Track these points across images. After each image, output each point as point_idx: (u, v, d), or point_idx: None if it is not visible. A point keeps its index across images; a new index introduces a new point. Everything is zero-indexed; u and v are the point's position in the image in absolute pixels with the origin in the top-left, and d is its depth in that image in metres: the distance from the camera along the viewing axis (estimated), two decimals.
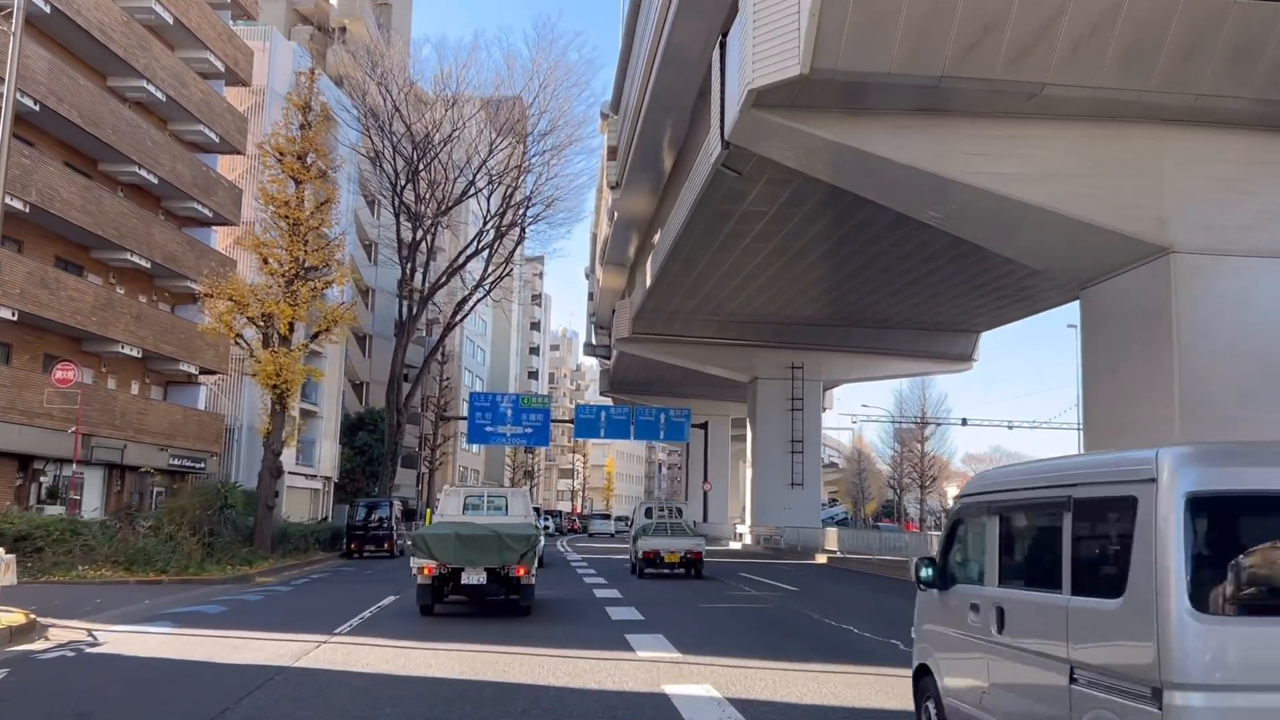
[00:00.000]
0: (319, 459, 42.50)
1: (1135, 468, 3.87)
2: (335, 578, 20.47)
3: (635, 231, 36.04)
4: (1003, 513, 4.91)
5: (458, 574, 12.56)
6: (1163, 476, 3.64)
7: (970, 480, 5.90)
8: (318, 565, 24.31)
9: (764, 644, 10.75)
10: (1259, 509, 3.69)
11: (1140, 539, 3.68)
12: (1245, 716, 3.45)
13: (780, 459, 38.28)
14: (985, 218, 14.98)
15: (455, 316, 41.19)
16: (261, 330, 21.41)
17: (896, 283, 31.41)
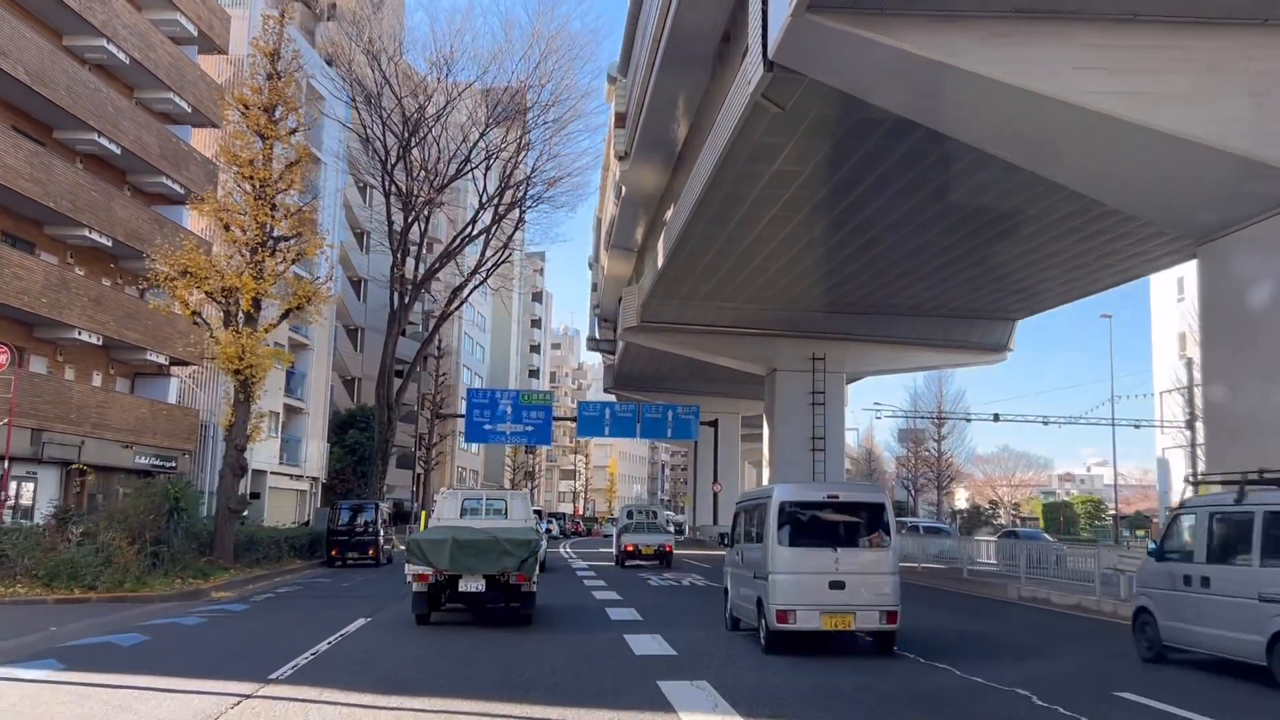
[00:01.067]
0: (305, 458, 39.72)
1: (769, 491, 10.97)
2: (305, 592, 17.68)
3: (644, 212, 33.20)
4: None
5: (455, 581, 11.97)
6: (774, 496, 10.57)
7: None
8: (291, 576, 21.55)
9: (863, 707, 7.96)
10: (798, 507, 10.53)
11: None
12: (791, 584, 10.03)
13: (801, 458, 35.44)
14: (1099, 152, 12.13)
15: (451, 305, 38.37)
16: (222, 307, 18.62)
17: (933, 263, 28.58)
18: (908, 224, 24.90)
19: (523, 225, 39.37)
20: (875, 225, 25.34)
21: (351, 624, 12.29)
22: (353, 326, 50.36)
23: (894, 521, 10.62)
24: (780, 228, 25.62)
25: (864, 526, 10.42)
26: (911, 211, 23.91)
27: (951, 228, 24.83)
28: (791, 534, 10.25)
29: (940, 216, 23.92)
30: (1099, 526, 79.85)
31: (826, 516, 10.59)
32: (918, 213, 23.89)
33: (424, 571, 11.84)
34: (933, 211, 23.59)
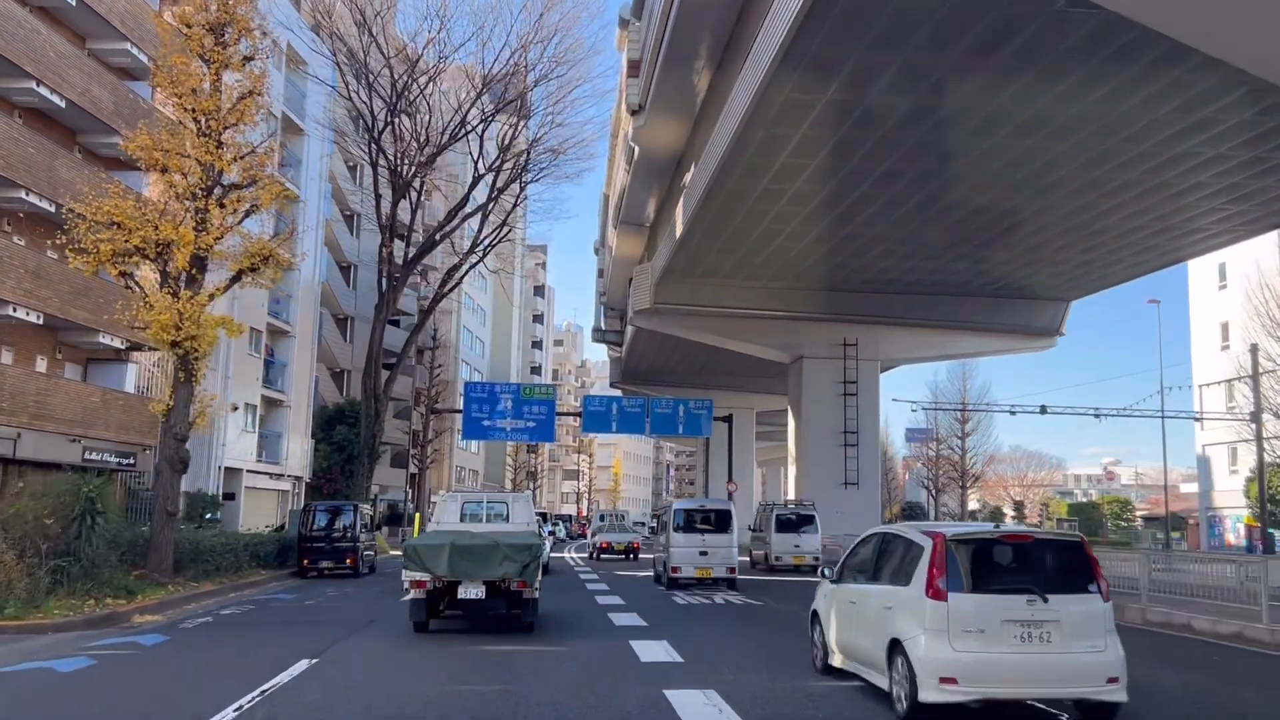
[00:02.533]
0: (286, 456, 36.40)
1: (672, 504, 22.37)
2: (254, 614, 14.35)
3: (657, 183, 29.89)
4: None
5: (454, 588, 11.63)
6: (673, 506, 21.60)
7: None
8: (251, 590, 18.24)
9: None
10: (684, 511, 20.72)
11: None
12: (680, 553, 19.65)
13: (830, 454, 32.13)
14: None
15: (445, 286, 35.07)
16: (155, 266, 15.30)
17: (979, 234, 25.29)
18: (953, 189, 21.69)
19: (523, 201, 36.04)
20: (919, 191, 22.11)
21: (286, 671, 8.93)
22: (342, 315, 47.07)
23: (735, 518, 20.76)
24: (815, 188, 22.36)
25: (717, 522, 20.21)
26: (959, 175, 20.73)
27: (1004, 192, 21.59)
28: (681, 526, 19.91)
29: (991, 179, 20.71)
30: (1124, 528, 76.50)
31: (699, 516, 20.33)
32: (966, 176, 20.68)
33: (421, 578, 11.42)
34: (982, 175, 20.40)
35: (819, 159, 20.58)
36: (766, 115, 17.93)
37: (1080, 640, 7.04)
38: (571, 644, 11.23)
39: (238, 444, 32.77)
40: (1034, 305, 31.92)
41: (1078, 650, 7.02)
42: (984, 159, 20.18)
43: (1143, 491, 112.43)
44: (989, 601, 7.06)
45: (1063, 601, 7.09)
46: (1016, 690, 7.07)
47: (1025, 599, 7.02)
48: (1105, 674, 6.96)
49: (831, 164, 21.01)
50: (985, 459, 64.52)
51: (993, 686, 6.93)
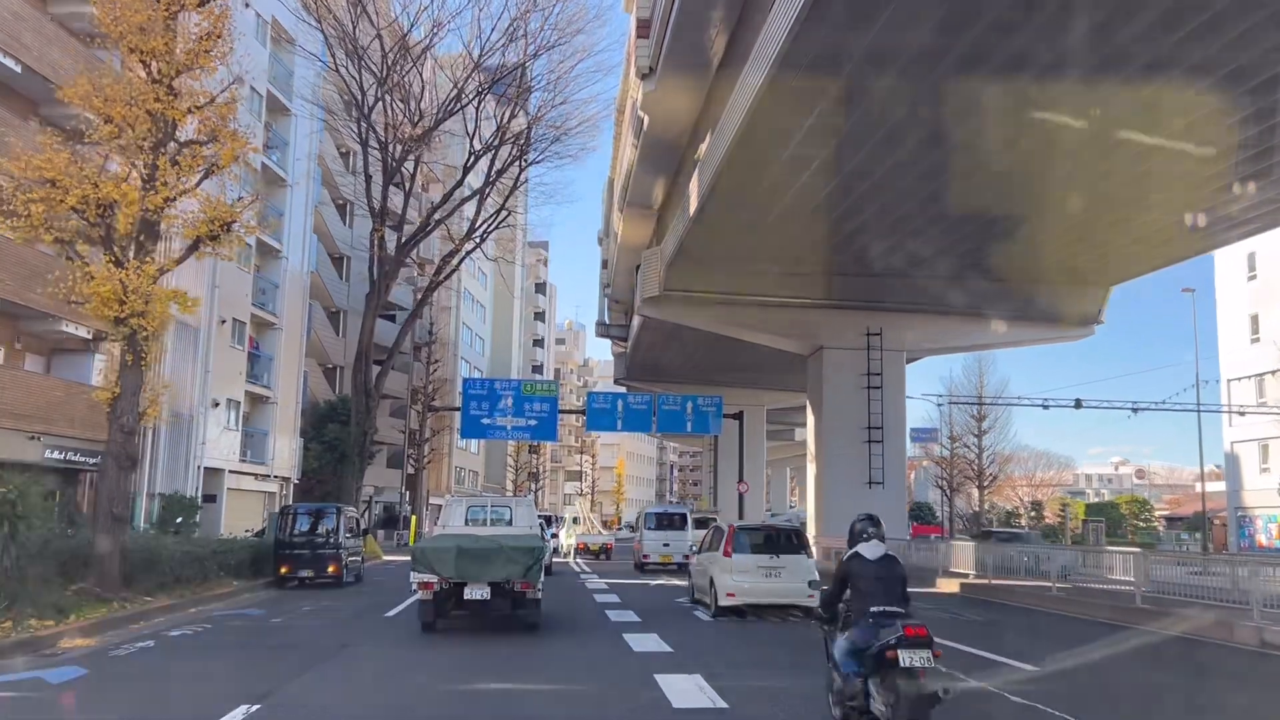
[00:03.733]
0: (273, 455, 34.27)
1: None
2: (207, 636, 12.22)
3: (668, 157, 27.68)
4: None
5: (460, 589, 12.02)
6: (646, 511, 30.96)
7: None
8: (217, 603, 16.12)
9: None
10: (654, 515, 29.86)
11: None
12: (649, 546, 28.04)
13: (852, 451, 29.95)
14: None
15: (441, 274, 32.94)
16: (96, 229, 13.16)
17: (1029, 209, 23.15)
18: (1000, 156, 19.55)
19: (524, 184, 33.94)
20: (963, 156, 19.97)
21: None
22: (334, 308, 44.96)
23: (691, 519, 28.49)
24: (844, 157, 20.21)
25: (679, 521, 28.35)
26: (1009, 140, 18.60)
27: (1056, 160, 19.45)
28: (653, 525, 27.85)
29: (1045, 144, 18.56)
30: (1142, 528, 74.25)
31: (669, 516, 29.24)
32: (1016, 142, 18.56)
33: (429, 580, 11.96)
34: (1029, 143, 18.28)
35: (851, 120, 18.44)
36: (798, 63, 15.78)
37: (796, 577, 14.03)
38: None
39: (219, 442, 30.66)
40: (1073, 291, 29.73)
41: (794, 581, 14.15)
42: (1039, 122, 18.07)
43: (1154, 491, 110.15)
44: (750, 558, 14.39)
45: (787, 559, 14.33)
46: (763, 599, 14.22)
47: (769, 556, 14.23)
48: (806, 592, 13.87)
49: (865, 127, 18.87)
50: (1003, 458, 62.12)
51: (751, 598, 14.05)
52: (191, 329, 28.88)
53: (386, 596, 17.68)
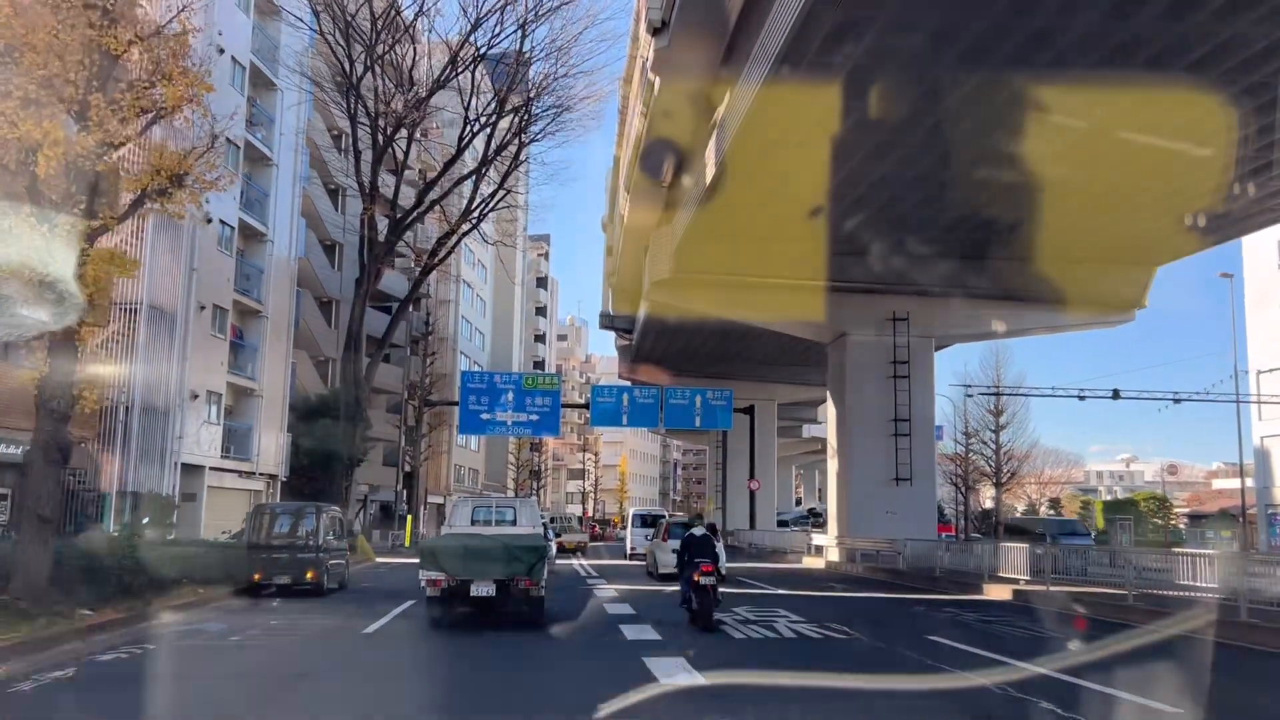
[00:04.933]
0: (258, 451, 32.21)
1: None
2: (137, 662, 10.16)
3: (680, 126, 25.55)
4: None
5: (466, 586, 12.39)
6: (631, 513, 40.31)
7: None
8: (176, 615, 14.08)
9: None
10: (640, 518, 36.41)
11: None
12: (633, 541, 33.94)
13: (877, 446, 27.90)
14: None
15: (436, 258, 30.88)
16: (21, 182, 11.08)
17: (1082, 178, 21.07)
18: (1060, 109, 17.43)
19: (524, 161, 31.87)
20: (1013, 112, 17.88)
21: None
22: (325, 298, 42.85)
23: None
24: (877, 119, 18.16)
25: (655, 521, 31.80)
26: (1073, 97, 16.49)
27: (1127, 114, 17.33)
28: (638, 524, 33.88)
29: (1087, 107, 16.45)
30: (1160, 526, 72.06)
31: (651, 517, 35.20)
32: (1077, 98, 16.44)
33: (437, 577, 12.34)
34: (1075, 103, 16.17)
35: (889, 72, 16.39)
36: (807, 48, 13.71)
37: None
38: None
39: (199, 437, 28.61)
40: (1116, 271, 27.65)
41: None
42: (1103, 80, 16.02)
43: (1166, 488, 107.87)
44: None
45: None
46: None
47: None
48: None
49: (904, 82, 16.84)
50: (1022, 455, 59.84)
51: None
52: (167, 315, 26.85)
53: (370, 607, 15.64)
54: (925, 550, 23.88)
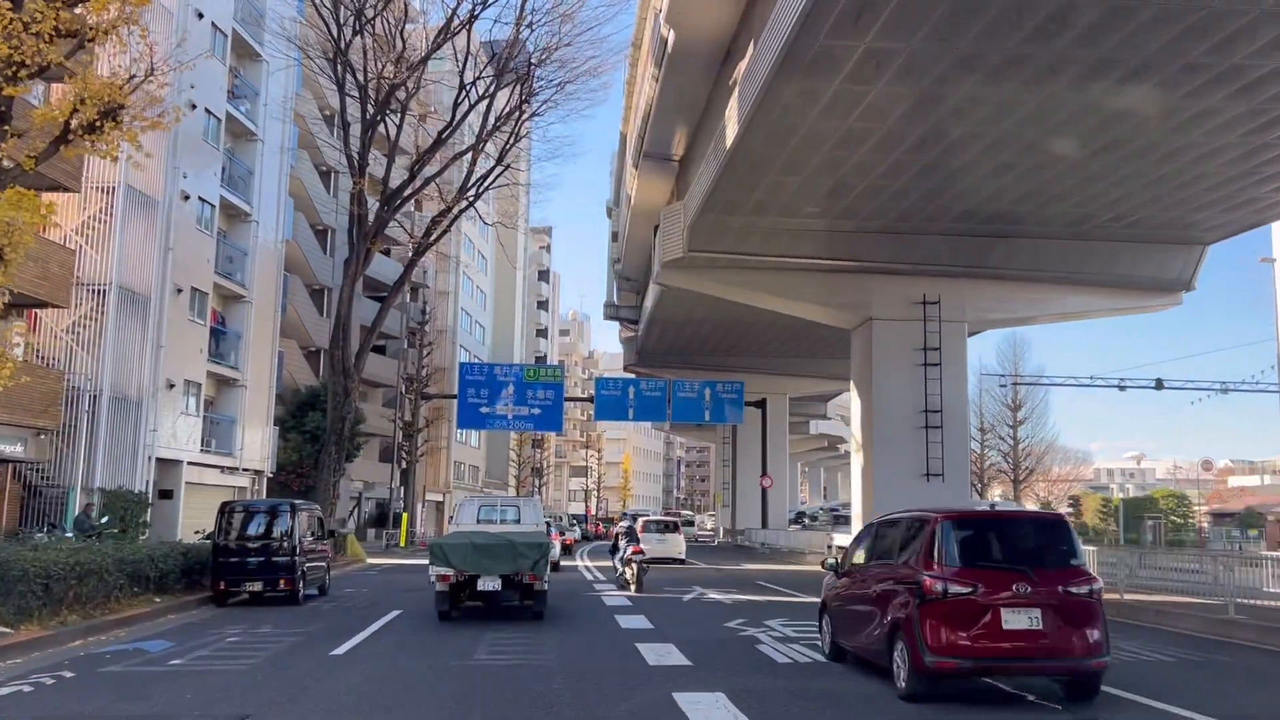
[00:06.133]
0: (241, 445, 30.22)
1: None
2: (40, 696, 8.17)
3: (695, 89, 23.53)
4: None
5: (474, 581, 12.93)
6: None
7: None
8: (120, 629, 12.13)
9: None
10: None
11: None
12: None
13: (906, 439, 25.88)
14: None
15: (431, 236, 28.87)
16: None
17: (1131, 147, 19.04)
18: (1101, 77, 15.42)
19: (526, 134, 29.84)
20: (1052, 77, 15.88)
21: None
22: (316, 285, 40.90)
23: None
24: (909, 83, 16.17)
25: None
26: (1119, 59, 14.47)
27: (1177, 78, 15.30)
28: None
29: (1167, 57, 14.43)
30: (1181, 525, 70.10)
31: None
32: (1126, 62, 14.42)
33: (446, 573, 12.81)
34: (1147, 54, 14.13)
35: (919, 36, 14.40)
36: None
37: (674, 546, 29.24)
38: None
39: (176, 430, 26.63)
40: (1163, 251, 25.63)
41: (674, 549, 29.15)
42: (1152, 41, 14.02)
43: (1177, 487, 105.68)
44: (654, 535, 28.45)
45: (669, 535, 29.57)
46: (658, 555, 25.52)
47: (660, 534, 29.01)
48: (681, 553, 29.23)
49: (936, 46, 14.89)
50: (1041, 451, 57.70)
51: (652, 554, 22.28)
52: (140, 297, 24.86)
53: (348, 619, 13.66)
54: None
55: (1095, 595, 7.79)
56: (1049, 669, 7.78)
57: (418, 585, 20.14)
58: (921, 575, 7.77)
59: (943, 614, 7.56)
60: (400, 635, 11.93)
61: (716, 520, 66.74)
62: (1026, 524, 8.96)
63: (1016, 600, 7.55)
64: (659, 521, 32.08)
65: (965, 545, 7.95)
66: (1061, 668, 7.71)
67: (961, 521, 8.23)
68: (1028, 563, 7.85)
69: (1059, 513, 11.53)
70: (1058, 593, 7.62)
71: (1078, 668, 7.66)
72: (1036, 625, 7.53)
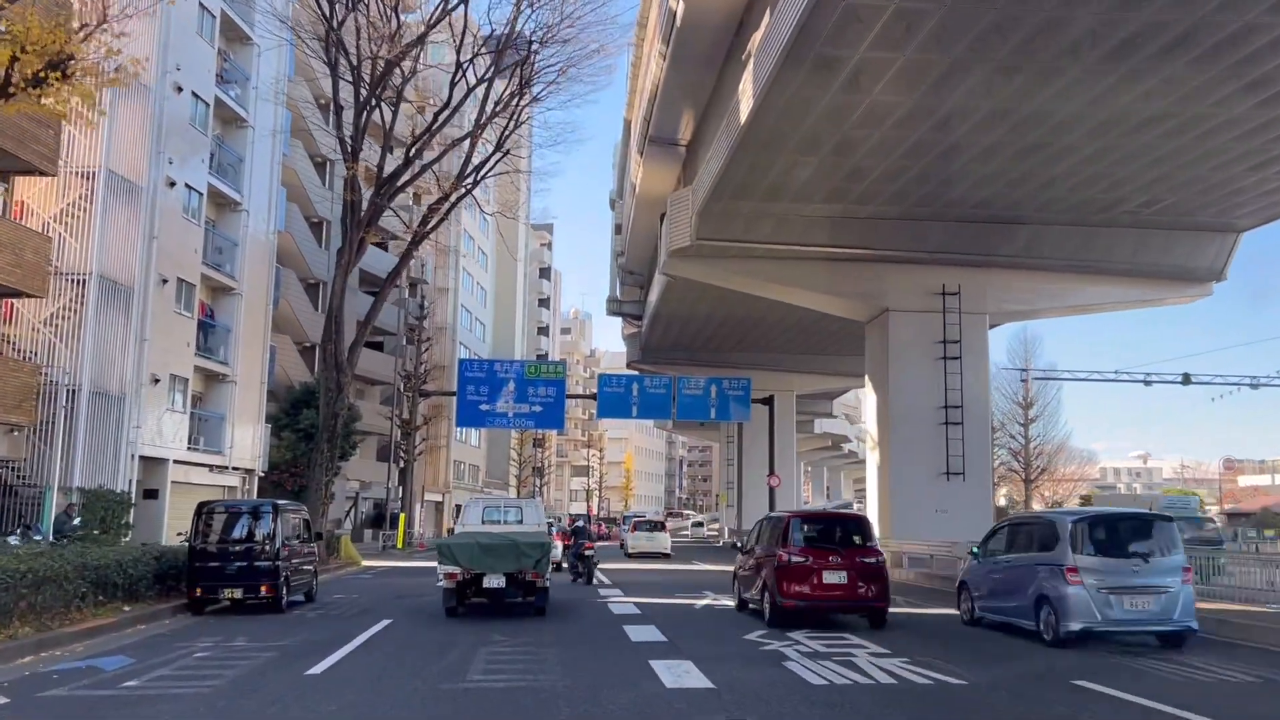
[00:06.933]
0: (231, 443, 29.11)
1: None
2: None
3: (704, 66, 22.37)
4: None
5: (479, 579, 13.60)
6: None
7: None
8: (79, 643, 10.99)
9: None
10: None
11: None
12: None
13: (925, 436, 24.72)
14: None
15: (428, 225, 27.73)
16: None
17: (1157, 127, 17.88)
18: (1143, 44, 14.25)
19: (527, 119, 28.68)
20: (1092, 44, 14.70)
21: None
22: (311, 279, 39.79)
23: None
24: (938, 51, 14.99)
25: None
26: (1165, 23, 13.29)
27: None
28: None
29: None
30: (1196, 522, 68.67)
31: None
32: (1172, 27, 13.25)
33: (454, 571, 13.56)
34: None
35: None
36: None
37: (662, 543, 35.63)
38: None
39: (161, 427, 25.51)
40: (1195, 238, 24.48)
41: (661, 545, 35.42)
42: None
43: (1188, 486, 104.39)
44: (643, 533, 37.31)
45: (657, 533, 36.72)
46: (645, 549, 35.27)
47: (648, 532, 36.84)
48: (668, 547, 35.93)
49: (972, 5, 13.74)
50: (1054, 450, 56.44)
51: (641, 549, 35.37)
52: (122, 287, 23.73)
53: (332, 630, 12.52)
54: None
55: (880, 563, 13.07)
56: (851, 608, 12.99)
57: (412, 590, 19.00)
58: (778, 551, 12.98)
59: (789, 575, 12.69)
60: (387, 650, 10.78)
61: (721, 520, 65.67)
62: (842, 519, 14.80)
63: (831, 566, 12.70)
64: (648, 522, 39.87)
65: (804, 534, 13.32)
66: (859, 607, 12.91)
67: (803, 519, 14.12)
68: (840, 544, 13.19)
69: (861, 513, 17.98)
70: (857, 562, 12.82)
71: (869, 607, 12.84)
72: (844, 581, 12.69)
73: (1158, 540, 11.17)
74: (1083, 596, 10.59)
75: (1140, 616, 10.67)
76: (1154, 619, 10.69)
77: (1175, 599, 10.71)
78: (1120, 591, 10.63)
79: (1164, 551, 11.04)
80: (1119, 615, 10.60)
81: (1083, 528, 11.11)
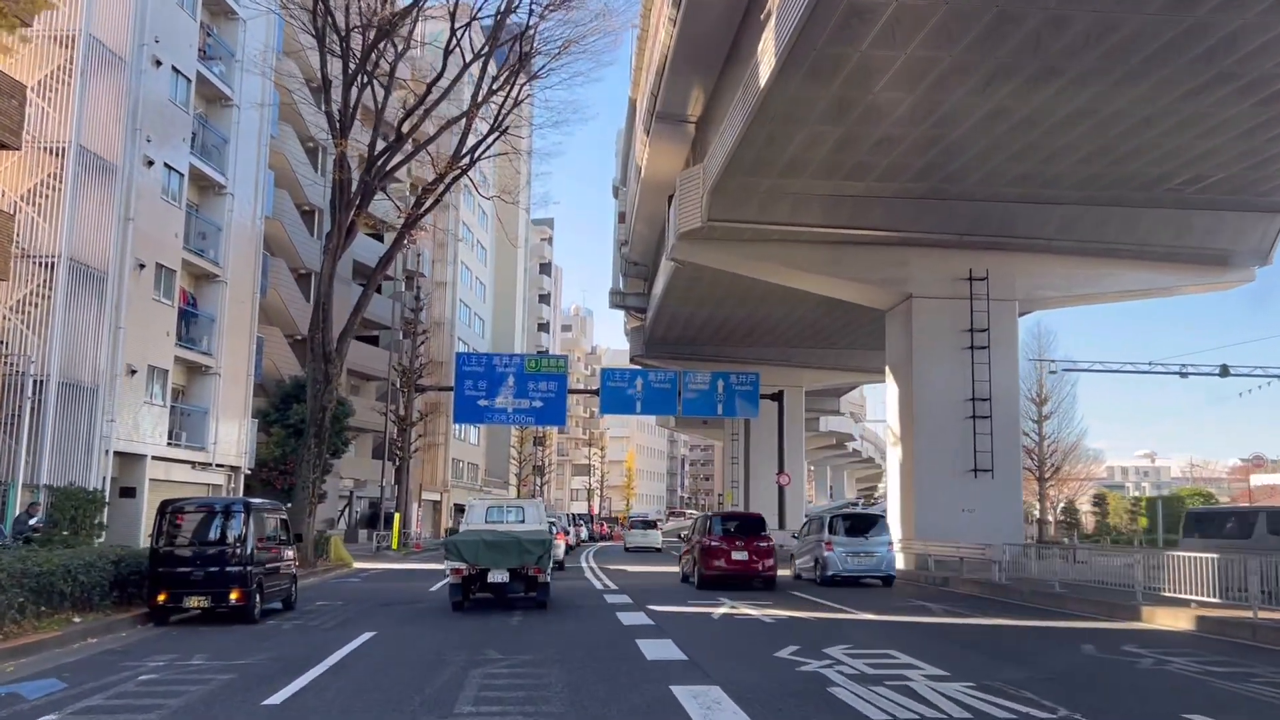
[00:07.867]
0: (215, 439, 27.61)
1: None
2: None
3: (716, 32, 20.83)
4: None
5: (484, 573, 14.44)
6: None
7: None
8: (11, 660, 9.50)
9: None
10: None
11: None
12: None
13: (950, 430, 23.23)
14: None
15: (422, 208, 26.22)
16: None
17: (1217, 90, 16.38)
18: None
19: (527, 97, 27.17)
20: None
21: None
22: (302, 269, 38.30)
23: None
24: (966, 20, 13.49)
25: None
26: None
27: None
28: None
29: None
30: None
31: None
32: None
33: (460, 567, 14.42)
34: None
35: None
36: None
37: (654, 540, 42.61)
38: None
39: (138, 420, 24.02)
40: (1240, 220, 22.99)
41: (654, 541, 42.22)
42: None
43: (1197, 484, 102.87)
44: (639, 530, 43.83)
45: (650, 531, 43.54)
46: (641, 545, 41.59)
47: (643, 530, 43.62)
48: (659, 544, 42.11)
49: None
50: (1069, 447, 54.85)
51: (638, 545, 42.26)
52: (95, 272, 22.24)
53: (307, 644, 11.02)
54: (1014, 556, 19.28)
55: (769, 546, 19.44)
56: (751, 576, 18.88)
57: (401, 596, 17.53)
58: (703, 539, 19.53)
59: (710, 554, 19.01)
60: (363, 672, 9.25)
61: None
62: (746, 517, 22.02)
63: (737, 548, 19.11)
64: (643, 521, 47.16)
65: (722, 527, 20.05)
66: (757, 576, 18.93)
67: (722, 517, 21.60)
68: (744, 533, 19.69)
69: (758, 513, 23.46)
70: (754, 545, 19.22)
71: (763, 575, 19.00)
72: (745, 558, 18.97)
73: (877, 527, 20.78)
74: (834, 557, 19.95)
75: (864, 567, 20.02)
76: (873, 569, 20.01)
77: (884, 559, 20.05)
78: (854, 554, 19.97)
79: (879, 533, 20.52)
80: (853, 567, 19.92)
81: (836, 519, 20.95)
